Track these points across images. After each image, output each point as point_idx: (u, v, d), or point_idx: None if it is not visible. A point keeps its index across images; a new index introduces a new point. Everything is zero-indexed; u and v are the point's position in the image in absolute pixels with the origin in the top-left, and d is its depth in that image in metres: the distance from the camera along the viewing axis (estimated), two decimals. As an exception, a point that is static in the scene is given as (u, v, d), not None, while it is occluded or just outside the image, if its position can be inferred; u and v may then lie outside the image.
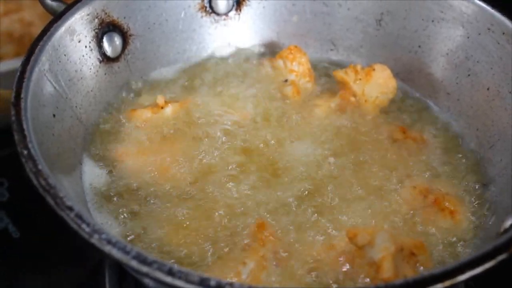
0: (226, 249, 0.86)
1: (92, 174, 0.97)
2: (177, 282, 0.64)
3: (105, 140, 1.03)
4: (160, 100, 1.06)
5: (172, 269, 0.64)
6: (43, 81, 0.91)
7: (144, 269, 0.65)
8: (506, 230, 0.81)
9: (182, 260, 0.84)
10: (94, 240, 0.68)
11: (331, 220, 0.90)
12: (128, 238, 0.88)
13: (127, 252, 0.66)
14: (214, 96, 1.12)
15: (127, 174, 0.97)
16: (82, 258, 1.08)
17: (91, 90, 1.04)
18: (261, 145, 1.03)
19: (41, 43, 0.93)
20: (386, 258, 0.78)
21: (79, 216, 0.70)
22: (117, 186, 0.95)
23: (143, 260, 0.65)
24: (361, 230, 0.83)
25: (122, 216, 0.91)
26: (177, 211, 0.91)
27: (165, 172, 0.97)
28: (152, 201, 0.93)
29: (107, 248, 0.67)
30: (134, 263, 0.66)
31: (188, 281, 0.64)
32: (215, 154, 1.00)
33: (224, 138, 1.03)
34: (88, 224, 0.69)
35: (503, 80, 1.01)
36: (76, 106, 0.99)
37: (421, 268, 0.82)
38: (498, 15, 1.02)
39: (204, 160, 0.99)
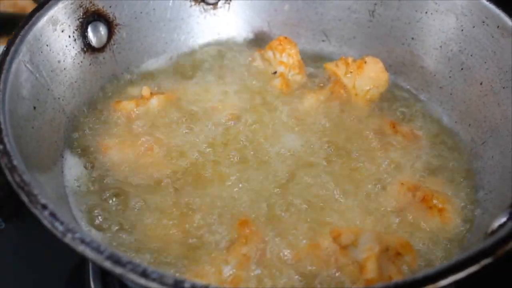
0: (207, 246, 0.84)
1: (74, 167, 0.95)
2: (151, 284, 0.62)
3: (88, 132, 1.01)
4: (146, 91, 1.04)
5: (146, 271, 0.63)
6: (23, 73, 0.89)
7: (118, 270, 0.63)
8: (493, 232, 0.79)
9: (161, 259, 0.83)
10: (68, 239, 0.66)
11: (316, 217, 0.88)
12: (107, 235, 0.86)
13: (100, 252, 0.65)
14: (201, 87, 1.10)
15: (109, 167, 0.96)
16: (67, 250, 1.07)
17: (75, 81, 1.02)
18: (248, 138, 1.01)
19: (22, 33, 0.91)
20: (370, 258, 0.77)
21: (53, 215, 0.68)
22: (99, 180, 0.94)
23: (117, 261, 0.64)
24: (345, 229, 0.81)
25: (103, 211, 0.89)
26: (158, 207, 0.90)
27: (148, 165, 0.96)
28: (134, 196, 0.91)
29: (81, 248, 0.66)
30: (107, 264, 0.64)
31: (162, 283, 0.62)
32: (200, 147, 0.98)
33: (209, 130, 1.02)
34: (61, 223, 0.67)
35: (497, 75, 0.99)
36: (59, 98, 0.97)
37: (407, 268, 0.81)
38: (493, 8, 1.00)
39: (189, 154, 0.97)
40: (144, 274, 0.62)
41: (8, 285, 1.03)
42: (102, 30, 1.06)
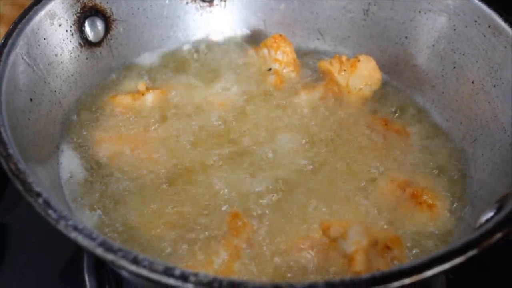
0: (200, 239, 0.85)
1: (70, 160, 0.96)
2: (141, 271, 0.63)
3: (84, 125, 1.02)
4: (141, 86, 1.05)
5: (137, 258, 0.64)
6: (20, 65, 0.90)
7: (109, 256, 0.64)
8: (481, 226, 0.80)
9: (155, 250, 0.84)
10: (61, 226, 0.67)
11: (307, 211, 0.89)
12: (102, 226, 0.87)
13: (93, 239, 0.66)
14: (196, 83, 1.11)
15: (104, 161, 0.97)
16: (61, 244, 1.08)
17: (72, 75, 1.03)
18: (242, 134, 1.02)
19: (19, 26, 0.92)
20: (358, 251, 0.77)
21: (47, 202, 0.69)
22: (95, 173, 0.95)
23: (109, 248, 0.65)
24: (334, 222, 0.82)
25: (98, 204, 0.90)
26: (153, 200, 0.91)
27: (143, 159, 0.97)
28: (129, 190, 0.92)
29: (73, 235, 0.67)
30: (99, 251, 0.65)
31: (152, 270, 0.63)
32: (194, 142, 1.00)
33: (204, 126, 1.03)
34: (55, 210, 0.68)
35: (488, 73, 1.00)
36: (55, 91, 0.99)
37: (396, 262, 0.81)
38: (485, 7, 1.01)
39: (183, 148, 0.99)
40: (135, 260, 0.63)
41: (1, 280, 1.04)
42: (99, 25, 1.08)
